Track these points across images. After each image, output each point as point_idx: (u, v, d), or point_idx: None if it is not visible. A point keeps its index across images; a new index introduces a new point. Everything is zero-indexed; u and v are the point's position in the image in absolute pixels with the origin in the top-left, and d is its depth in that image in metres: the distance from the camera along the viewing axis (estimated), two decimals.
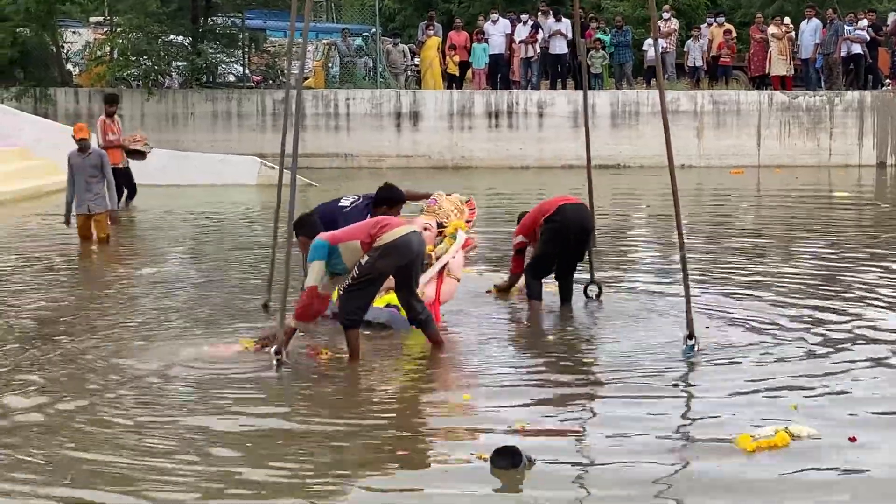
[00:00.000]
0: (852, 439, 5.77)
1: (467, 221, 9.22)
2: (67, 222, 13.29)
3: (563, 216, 9.03)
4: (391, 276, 7.62)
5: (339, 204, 8.88)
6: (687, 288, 7.61)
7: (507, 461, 5.28)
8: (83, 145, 13.08)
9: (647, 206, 16.96)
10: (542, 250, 9.10)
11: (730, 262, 11.74)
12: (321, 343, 8.00)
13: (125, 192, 16.28)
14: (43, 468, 5.51)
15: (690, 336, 7.51)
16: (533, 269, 9.20)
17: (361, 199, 8.83)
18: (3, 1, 24.52)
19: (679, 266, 7.92)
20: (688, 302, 7.57)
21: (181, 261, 12.74)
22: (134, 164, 16.71)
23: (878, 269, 11.04)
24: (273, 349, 7.25)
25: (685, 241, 7.94)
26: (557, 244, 9.05)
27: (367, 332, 8.11)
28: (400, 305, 7.92)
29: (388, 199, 8.59)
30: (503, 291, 9.69)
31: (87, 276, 11.79)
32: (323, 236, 7.45)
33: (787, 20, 26.64)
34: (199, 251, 13.61)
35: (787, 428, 5.74)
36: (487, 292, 9.70)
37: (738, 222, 16.02)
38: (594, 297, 9.54)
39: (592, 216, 9.39)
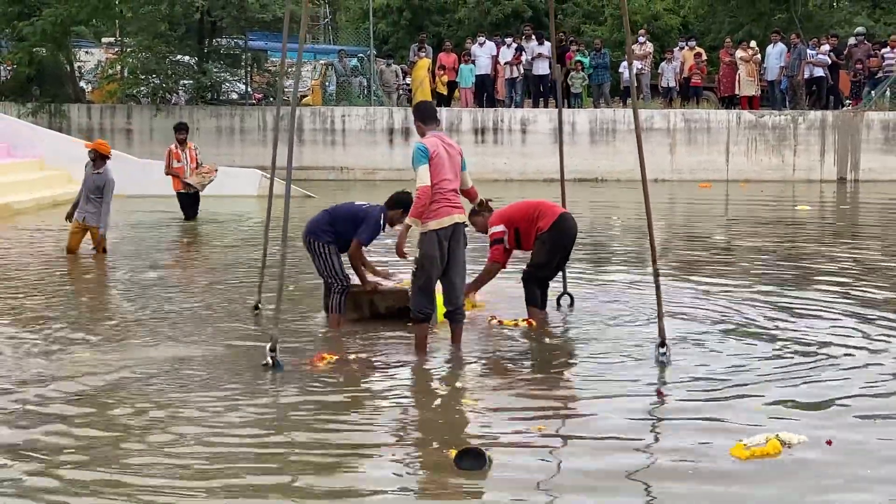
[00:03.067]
0: (828, 443, 5.69)
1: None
2: (67, 219, 12.78)
3: (567, 224, 8.89)
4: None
5: (357, 203, 8.85)
6: (659, 298, 7.56)
7: (472, 462, 5.23)
8: (90, 156, 12.61)
9: (618, 219, 16.95)
10: (548, 258, 8.82)
11: (700, 271, 11.66)
12: (323, 347, 7.95)
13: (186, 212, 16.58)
14: (36, 462, 5.45)
15: (662, 344, 7.44)
16: (538, 279, 8.91)
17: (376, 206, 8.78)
18: (21, 23, 24.50)
19: (651, 276, 7.80)
20: (660, 311, 7.53)
21: (184, 265, 12.74)
22: (157, 179, 16.97)
23: (840, 277, 11.04)
24: (268, 346, 7.19)
25: (657, 252, 7.85)
26: (558, 252, 8.90)
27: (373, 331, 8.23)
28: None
29: (406, 204, 8.36)
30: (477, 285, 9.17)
31: (96, 277, 11.77)
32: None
33: (753, 44, 26.71)
34: (202, 256, 13.59)
35: (777, 436, 5.62)
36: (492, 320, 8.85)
37: (709, 232, 15.98)
38: (567, 307, 9.42)
39: None
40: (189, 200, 16.60)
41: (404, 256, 7.82)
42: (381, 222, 8.54)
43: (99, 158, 12.61)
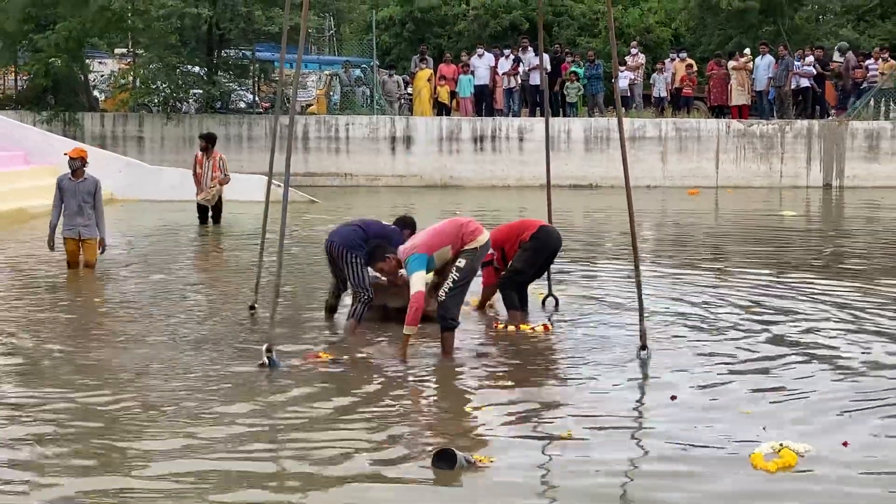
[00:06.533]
0: (845, 444, 5.56)
1: None
2: (51, 246, 11.63)
3: (546, 234, 8.99)
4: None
5: (382, 222, 9.00)
6: (640, 301, 7.52)
7: (446, 463, 5.18)
8: (74, 165, 11.50)
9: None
10: (525, 265, 8.91)
11: (685, 274, 11.49)
12: (320, 346, 7.89)
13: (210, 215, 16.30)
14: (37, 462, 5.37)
15: (644, 346, 7.41)
16: (516, 283, 8.97)
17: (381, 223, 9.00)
18: (37, 36, 24.53)
19: (633, 280, 7.78)
20: (641, 314, 7.49)
21: (188, 267, 12.70)
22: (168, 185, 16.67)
23: (823, 281, 10.95)
24: (264, 346, 7.13)
25: (640, 255, 7.84)
26: (538, 259, 8.96)
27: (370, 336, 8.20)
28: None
29: (413, 225, 9.01)
30: (481, 307, 9.35)
31: (100, 278, 11.60)
32: (418, 248, 7.53)
33: (747, 51, 26.64)
34: (206, 259, 13.59)
35: (782, 444, 5.41)
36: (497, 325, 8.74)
37: (695, 238, 15.90)
38: (553, 308, 9.39)
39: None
40: (203, 208, 16.56)
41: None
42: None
43: (82, 165, 11.62)
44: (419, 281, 7.35)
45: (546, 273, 9.39)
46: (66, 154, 11.90)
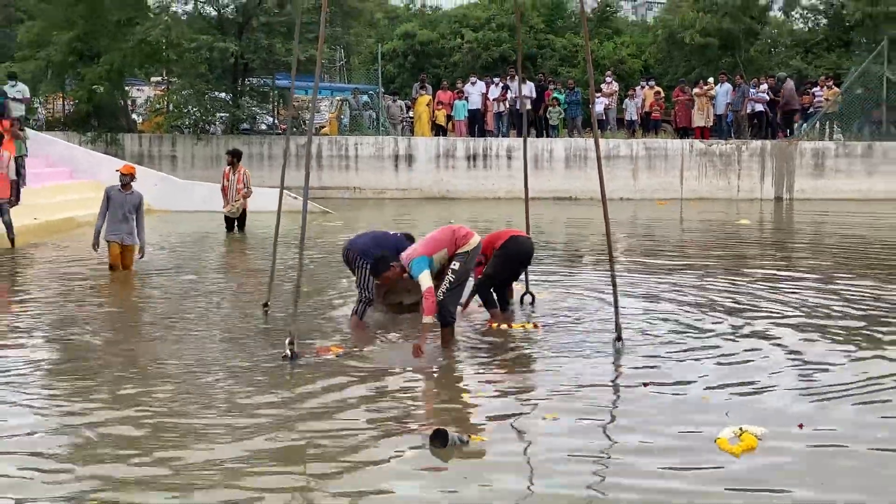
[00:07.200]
0: (800, 426, 5.51)
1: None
2: (95, 247, 11.73)
3: (516, 244, 9.00)
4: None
5: (391, 232, 9.10)
6: (615, 297, 7.55)
7: (439, 441, 5.21)
8: (124, 180, 11.66)
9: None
10: (496, 270, 8.91)
11: (654, 274, 11.47)
12: (332, 339, 7.90)
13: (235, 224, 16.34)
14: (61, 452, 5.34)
15: (619, 338, 7.45)
16: (489, 286, 9.00)
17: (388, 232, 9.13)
18: (83, 69, 24.60)
19: (609, 279, 7.81)
20: (616, 309, 7.51)
21: (213, 270, 12.73)
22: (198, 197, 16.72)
23: (774, 281, 10.94)
24: (287, 340, 7.14)
25: (615, 256, 7.87)
26: (508, 266, 8.99)
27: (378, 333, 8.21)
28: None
29: (412, 239, 8.99)
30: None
31: (135, 279, 11.54)
32: (418, 252, 7.57)
33: (711, 80, 26.72)
34: (229, 263, 13.60)
35: (741, 428, 5.34)
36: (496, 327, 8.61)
37: (663, 242, 15.85)
38: (529, 304, 9.42)
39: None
40: (229, 218, 16.59)
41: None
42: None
43: (131, 181, 11.79)
44: (426, 279, 7.33)
45: (524, 274, 9.43)
46: (117, 170, 11.99)
